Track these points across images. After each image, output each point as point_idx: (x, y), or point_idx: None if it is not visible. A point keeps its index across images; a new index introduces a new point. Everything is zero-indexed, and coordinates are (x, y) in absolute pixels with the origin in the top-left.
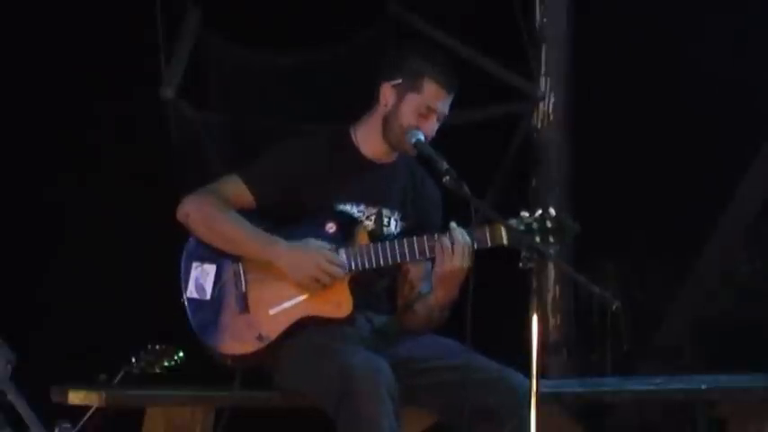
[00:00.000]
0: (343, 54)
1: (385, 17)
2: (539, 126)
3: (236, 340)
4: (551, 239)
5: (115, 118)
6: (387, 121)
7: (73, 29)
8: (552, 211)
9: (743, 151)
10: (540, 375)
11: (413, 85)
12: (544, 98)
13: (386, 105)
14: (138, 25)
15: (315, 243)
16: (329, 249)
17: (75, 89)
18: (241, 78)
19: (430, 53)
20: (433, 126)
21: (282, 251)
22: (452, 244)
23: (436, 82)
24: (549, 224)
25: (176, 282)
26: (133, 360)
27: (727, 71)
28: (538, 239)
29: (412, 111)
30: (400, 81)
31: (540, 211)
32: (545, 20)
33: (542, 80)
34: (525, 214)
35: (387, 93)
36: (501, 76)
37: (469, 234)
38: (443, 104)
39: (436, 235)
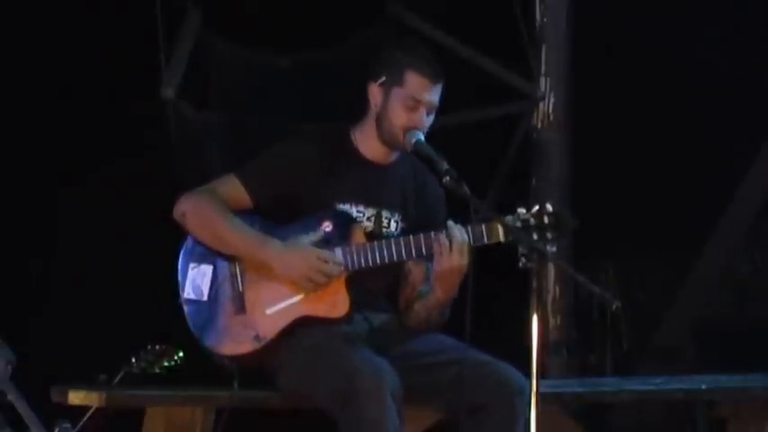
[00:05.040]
0: (344, 54)
1: (385, 17)
2: (538, 126)
3: (233, 341)
4: (549, 235)
5: (115, 118)
6: (379, 121)
7: (73, 29)
8: (549, 207)
9: (743, 151)
10: (540, 375)
11: (396, 79)
12: (544, 98)
13: (375, 105)
14: (138, 25)
15: (305, 242)
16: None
17: (75, 89)
18: (241, 78)
19: (410, 46)
20: (422, 118)
21: (275, 252)
22: (450, 241)
23: (418, 72)
24: (546, 220)
25: (176, 282)
26: (133, 360)
27: (727, 71)
28: (536, 236)
29: (399, 105)
30: (384, 78)
31: (537, 207)
32: (545, 20)
33: (542, 80)
34: (522, 210)
35: (374, 92)
36: (501, 76)
37: (467, 231)
38: (430, 94)
39: (433, 233)
